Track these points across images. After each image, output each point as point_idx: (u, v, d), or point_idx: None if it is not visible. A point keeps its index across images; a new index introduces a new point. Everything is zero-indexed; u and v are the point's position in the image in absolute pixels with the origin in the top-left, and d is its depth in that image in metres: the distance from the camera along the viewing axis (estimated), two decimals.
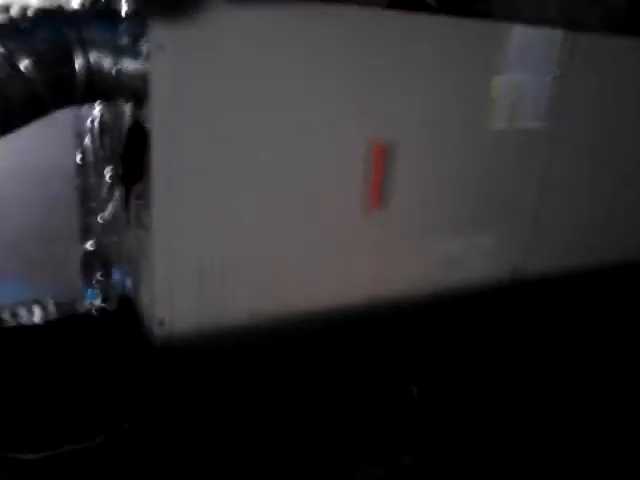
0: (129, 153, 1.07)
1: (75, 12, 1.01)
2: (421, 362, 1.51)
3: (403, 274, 1.34)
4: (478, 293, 1.47)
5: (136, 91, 1.02)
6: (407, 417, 1.51)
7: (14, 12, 1.04)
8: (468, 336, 1.52)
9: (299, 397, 1.38)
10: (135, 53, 1.01)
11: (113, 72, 1.01)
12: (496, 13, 2.19)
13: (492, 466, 1.34)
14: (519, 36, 1.28)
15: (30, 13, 1.00)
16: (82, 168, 1.19)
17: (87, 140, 1.18)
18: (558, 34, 1.33)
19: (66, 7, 1.05)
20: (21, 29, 0.94)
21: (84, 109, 1.15)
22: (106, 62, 1.00)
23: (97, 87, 1.01)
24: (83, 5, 1.08)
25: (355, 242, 1.25)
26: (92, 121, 1.17)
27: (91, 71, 0.99)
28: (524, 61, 1.30)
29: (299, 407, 1.37)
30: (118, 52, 1.01)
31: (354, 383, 1.44)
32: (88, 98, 1.03)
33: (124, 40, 1.01)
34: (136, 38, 1.01)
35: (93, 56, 0.98)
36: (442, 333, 1.48)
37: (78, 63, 0.97)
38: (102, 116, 1.17)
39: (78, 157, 1.18)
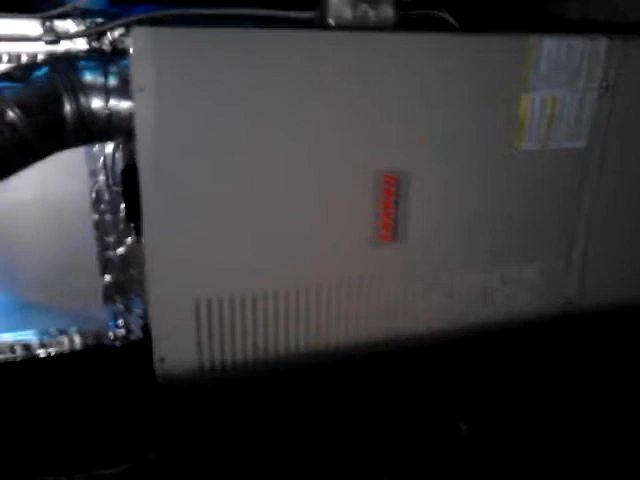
0: (127, 191, 1.08)
1: (68, 57, 1.04)
2: (457, 398, 1.41)
3: (429, 308, 1.25)
4: (524, 327, 1.35)
5: (129, 130, 1.03)
6: (449, 454, 1.42)
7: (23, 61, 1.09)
8: (511, 372, 1.40)
9: (325, 432, 1.34)
10: (126, 93, 1.02)
11: (104, 113, 1.03)
12: (569, 15, 2.03)
13: None
14: (553, 48, 1.15)
15: (28, 62, 1.05)
16: (97, 204, 1.23)
17: (101, 176, 1.21)
18: (602, 42, 1.18)
19: (67, 52, 1.09)
20: (14, 78, 0.98)
21: (97, 146, 1.19)
22: (97, 104, 1.02)
23: (89, 129, 1.03)
24: (89, 49, 1.12)
25: (367, 274, 1.19)
26: (105, 158, 1.20)
27: (82, 114, 1.01)
28: (561, 75, 1.17)
29: (326, 442, 1.33)
30: (109, 93, 1.03)
31: (384, 418, 1.37)
32: (81, 140, 1.05)
33: (115, 81, 1.03)
34: (126, 79, 1.02)
35: (83, 99, 1.01)
36: (480, 369, 1.38)
37: (68, 107, 1.00)
38: (115, 153, 1.20)
39: (93, 194, 1.22)
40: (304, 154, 1.08)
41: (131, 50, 0.94)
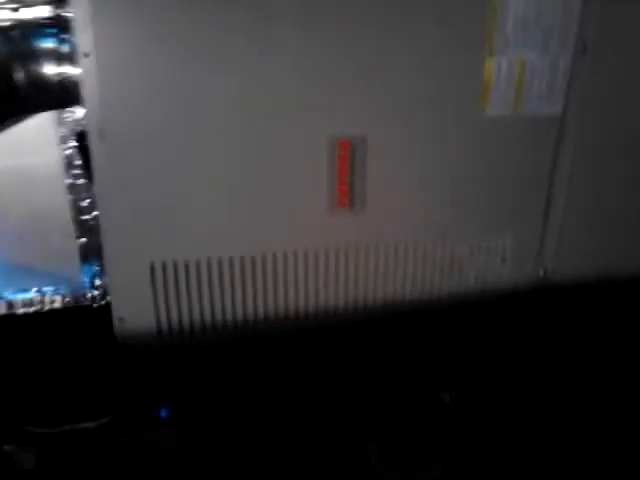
0: (84, 155, 1.11)
1: (19, 25, 1.06)
2: (434, 368, 1.40)
3: (392, 277, 1.24)
4: (496, 299, 1.32)
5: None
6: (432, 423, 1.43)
7: None
8: (486, 343, 1.37)
9: (297, 401, 1.35)
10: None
11: (57, 81, 1.05)
12: None
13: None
14: (520, 7, 1.10)
15: None
16: (70, 169, 1.26)
17: (72, 142, 1.24)
18: (576, 2, 1.12)
19: (28, 20, 1.12)
20: None
21: (67, 112, 1.22)
22: (49, 71, 1.05)
23: (43, 97, 1.06)
24: (53, 16, 1.14)
25: (327, 242, 1.18)
26: (75, 123, 1.23)
27: (34, 81, 1.04)
28: (531, 36, 1.12)
29: (300, 412, 1.35)
30: (61, 60, 1.05)
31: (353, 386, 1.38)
32: (38, 107, 1.08)
33: (67, 48, 1.05)
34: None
35: (35, 66, 1.03)
36: (454, 340, 1.36)
37: (19, 74, 1.02)
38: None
39: (65, 159, 1.25)
40: (254, 118, 1.07)
41: (72, 15, 0.95)
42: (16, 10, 1.08)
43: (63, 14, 1.12)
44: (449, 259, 1.25)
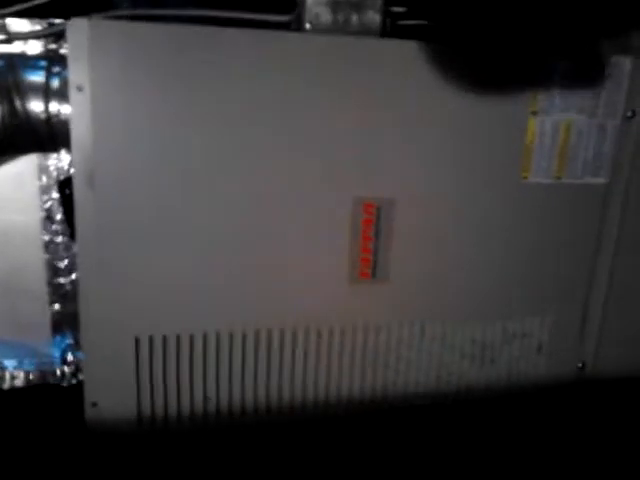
0: (66, 207, 0.96)
1: (7, 56, 0.93)
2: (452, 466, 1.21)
3: (415, 363, 1.07)
4: (532, 393, 1.15)
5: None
6: None
7: None
8: (516, 441, 1.19)
9: None
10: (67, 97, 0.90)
11: (44, 117, 0.91)
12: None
13: None
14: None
15: None
16: (49, 224, 1.10)
17: (54, 193, 1.09)
18: (625, 63, 1.02)
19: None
20: None
21: (51, 159, 1.07)
22: (36, 108, 0.91)
23: (27, 137, 0.91)
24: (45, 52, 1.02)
25: (343, 317, 1.02)
26: (59, 172, 1.08)
27: (17, 116, 0.89)
28: (577, 99, 1.02)
29: None
30: (50, 97, 0.91)
31: None
32: (21, 147, 0.93)
33: (57, 83, 0.91)
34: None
35: (19, 101, 0.89)
36: (477, 436, 1.18)
37: (1, 110, 0.88)
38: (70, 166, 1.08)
39: (44, 212, 1.09)
40: (268, 172, 0.93)
41: (67, 45, 0.82)
42: (8, 42, 0.95)
43: (56, 49, 1.00)
44: (480, 344, 1.09)
